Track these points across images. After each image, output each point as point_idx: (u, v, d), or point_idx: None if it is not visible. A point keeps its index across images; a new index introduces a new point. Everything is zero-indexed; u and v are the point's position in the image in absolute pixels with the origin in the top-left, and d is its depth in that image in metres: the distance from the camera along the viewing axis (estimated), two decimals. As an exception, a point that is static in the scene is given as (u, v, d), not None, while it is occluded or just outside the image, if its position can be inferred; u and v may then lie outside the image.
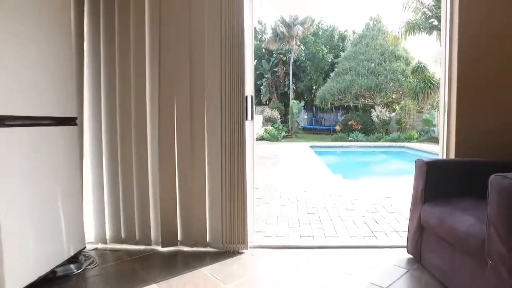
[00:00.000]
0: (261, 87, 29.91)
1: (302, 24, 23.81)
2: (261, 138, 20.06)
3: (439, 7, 17.07)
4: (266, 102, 30.22)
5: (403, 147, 15.31)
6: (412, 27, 17.29)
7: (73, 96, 2.35)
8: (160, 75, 2.65)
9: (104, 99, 2.72)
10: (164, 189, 2.72)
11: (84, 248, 2.52)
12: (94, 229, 2.84)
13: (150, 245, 2.80)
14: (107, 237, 2.84)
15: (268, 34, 28.66)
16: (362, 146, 15.60)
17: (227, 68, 2.59)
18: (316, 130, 28.75)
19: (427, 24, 17.09)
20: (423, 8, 17.05)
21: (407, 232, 2.50)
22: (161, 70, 2.65)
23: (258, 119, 22.59)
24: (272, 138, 19.77)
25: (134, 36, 2.65)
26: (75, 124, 2.39)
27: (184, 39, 2.62)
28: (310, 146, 14.85)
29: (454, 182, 2.34)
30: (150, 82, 2.69)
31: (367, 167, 10.84)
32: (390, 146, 15.78)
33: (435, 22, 17.10)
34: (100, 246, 2.84)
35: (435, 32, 17.48)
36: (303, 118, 30.90)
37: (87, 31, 2.69)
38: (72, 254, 2.24)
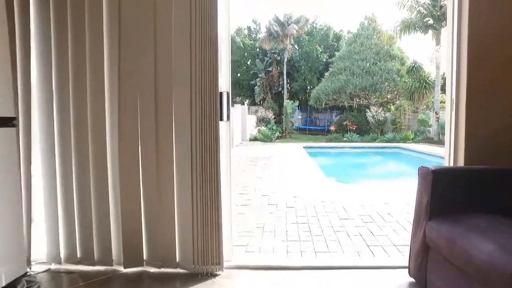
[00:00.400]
0: (255, 87, 29.55)
1: (296, 23, 23.46)
2: (254, 139, 19.69)
3: (435, 6, 17.14)
4: (260, 102, 29.87)
5: (398, 147, 15.03)
6: (408, 26, 17.04)
7: (9, 94, 1.95)
8: (120, 70, 2.26)
9: (57, 99, 2.33)
10: (127, 200, 2.33)
11: (26, 273, 2.11)
12: (46, 247, 2.44)
13: (111, 265, 2.40)
14: (62, 256, 2.44)
15: (263, 34, 28.30)
16: (356, 147, 15.30)
17: (198, 61, 2.21)
18: (310, 130, 28.45)
19: (422, 23, 16.85)
20: (418, 6, 16.82)
21: (408, 251, 2.14)
22: (121, 64, 2.26)
23: (252, 119, 22.22)
24: (266, 138, 19.42)
25: (90, 28, 2.25)
26: (13, 126, 1.99)
27: (148, 30, 2.24)
28: (304, 147, 14.51)
29: (464, 194, 1.99)
30: (108, 79, 2.30)
31: (361, 169, 10.51)
32: (384, 147, 15.49)
33: (431, 21, 16.88)
34: (53, 266, 2.44)
35: (430, 31, 17.27)
36: (298, 118, 30.60)
37: (35, 24, 2.29)
38: (4, 284, 1.84)
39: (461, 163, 2.22)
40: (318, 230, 3.42)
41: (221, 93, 2.31)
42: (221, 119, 2.31)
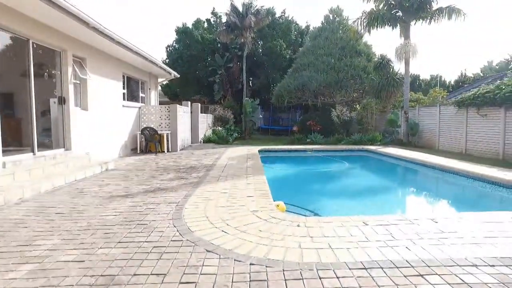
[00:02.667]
0: (214, 85, 27.21)
1: (255, 14, 21.39)
2: (208, 141, 17.43)
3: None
4: (220, 100, 27.58)
5: (365, 150, 13.42)
6: (376, 18, 15.53)
7: None
8: None
9: None
10: None
11: None
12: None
13: None
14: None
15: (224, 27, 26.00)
16: (319, 151, 13.49)
17: None
18: (273, 130, 26.66)
19: (390, 15, 15.42)
20: (387, -4, 15.38)
21: None
22: None
23: (207, 119, 19.90)
24: (221, 140, 17.21)
25: None
26: None
27: None
28: (259, 151, 12.49)
29: None
30: None
31: (323, 184, 8.52)
32: (350, 150, 13.84)
33: (400, 13, 15.50)
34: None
35: (399, 26, 15.88)
36: (259, 118, 28.69)
37: None
38: None
39: None
40: None
41: None
42: None
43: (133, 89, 12.79)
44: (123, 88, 11.63)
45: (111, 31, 8.27)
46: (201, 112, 18.80)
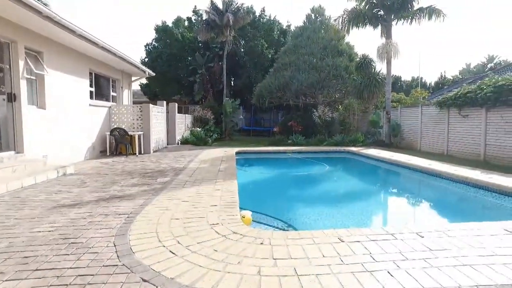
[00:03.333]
0: (195, 85, 26.43)
1: (235, 12, 20.76)
2: (186, 142, 16.71)
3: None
4: (200, 100, 26.85)
5: (347, 152, 13.04)
6: (357, 16, 15.23)
7: None
8: None
9: None
10: None
11: None
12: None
13: None
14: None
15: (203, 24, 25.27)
16: (300, 152, 13.01)
17: None
18: (255, 131, 26.14)
19: (372, 13, 15.15)
20: (369, -6, 15.10)
21: None
22: None
23: (186, 119, 19.16)
24: (199, 141, 16.51)
25: None
26: None
27: None
28: (237, 153, 11.92)
29: None
30: None
31: (300, 189, 7.89)
32: (331, 152, 13.43)
33: (381, 12, 15.26)
34: None
35: (380, 26, 15.63)
36: (240, 118, 28.11)
37: None
38: None
39: None
40: None
41: None
42: None
43: (103, 88, 11.98)
44: (91, 86, 10.84)
45: (71, 23, 7.52)
46: (180, 113, 18.13)
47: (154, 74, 14.34)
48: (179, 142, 16.63)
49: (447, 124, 12.06)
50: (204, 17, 20.83)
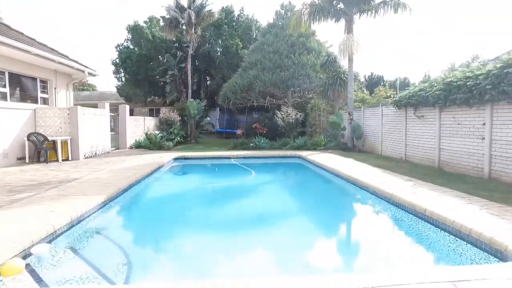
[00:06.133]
0: (166, 86, 25.45)
1: (198, 9, 19.70)
2: (139, 146, 15.67)
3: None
4: (172, 102, 25.82)
5: (298, 157, 11.96)
6: (316, 10, 14.16)
7: None
8: None
9: None
10: None
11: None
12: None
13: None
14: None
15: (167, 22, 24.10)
16: (247, 157, 11.96)
17: None
18: (227, 133, 25.07)
19: (331, 6, 14.09)
20: (328, -13, 14.03)
21: None
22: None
23: (148, 122, 18.16)
24: (153, 146, 15.48)
25: None
26: None
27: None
28: (174, 159, 10.91)
29: None
30: None
31: (205, 206, 6.52)
32: (283, 157, 12.36)
33: (341, 5, 14.18)
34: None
35: (343, 20, 14.56)
36: (216, 120, 27.11)
37: None
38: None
39: None
40: None
41: None
42: None
43: (25, 88, 10.97)
44: (4, 87, 9.85)
45: None
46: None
47: (96, 72, 13.31)
48: (133, 146, 15.62)
49: (404, 126, 10.97)
50: (166, 14, 19.78)
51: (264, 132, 17.52)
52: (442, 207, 4.65)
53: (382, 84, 29.92)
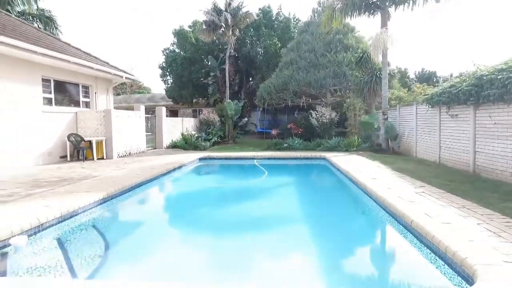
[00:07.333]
0: (208, 87, 26.28)
1: (234, 12, 19.99)
2: (174, 146, 16.42)
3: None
4: (215, 102, 26.57)
5: (323, 159, 11.55)
6: (348, 5, 13.53)
7: None
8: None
9: None
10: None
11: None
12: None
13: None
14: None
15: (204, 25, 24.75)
16: (270, 158, 11.85)
17: None
18: (267, 134, 25.05)
19: (363, 1, 13.34)
20: (360, -20, 13.31)
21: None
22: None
23: (186, 122, 18.96)
24: (189, 146, 16.10)
25: None
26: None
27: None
28: (199, 159, 11.26)
29: None
30: None
31: (206, 209, 6.50)
32: (309, 158, 12.02)
33: (375, -2, 13.37)
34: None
35: (379, 14, 13.71)
36: (258, 120, 27.28)
37: None
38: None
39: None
40: None
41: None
42: None
43: (70, 94, 12.14)
44: (49, 93, 11.01)
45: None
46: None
47: (134, 77, 14.27)
48: (169, 146, 16.42)
49: (438, 126, 10.00)
50: (204, 18, 20.42)
51: (299, 132, 17.24)
52: (433, 223, 4.16)
53: (434, 80, 27.52)
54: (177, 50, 27.40)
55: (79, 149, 11.24)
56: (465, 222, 4.10)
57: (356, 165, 9.28)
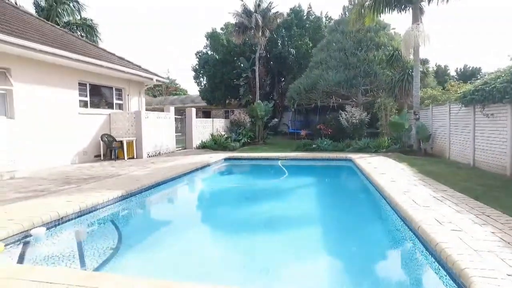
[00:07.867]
0: (240, 88, 26.60)
1: (264, 12, 20.05)
2: (203, 146, 16.81)
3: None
4: (247, 103, 26.82)
5: (350, 160, 11.26)
6: (377, 1, 13.08)
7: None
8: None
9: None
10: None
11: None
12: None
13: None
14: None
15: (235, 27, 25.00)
16: (294, 159, 11.77)
17: None
18: (297, 135, 24.85)
19: (394, -4, 12.82)
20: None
21: None
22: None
23: (217, 123, 19.36)
24: (218, 146, 16.39)
25: None
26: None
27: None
28: (225, 159, 11.47)
29: None
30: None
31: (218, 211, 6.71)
32: (335, 159, 11.77)
33: (407, -7, 12.78)
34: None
35: (411, 9, 13.11)
36: (289, 121, 27.14)
37: None
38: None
39: None
40: None
41: None
42: None
43: (104, 96, 12.90)
44: (85, 96, 11.77)
45: (29, 42, 8.31)
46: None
47: (164, 79, 14.85)
48: (199, 146, 16.83)
49: (473, 127, 9.36)
50: (234, 20, 20.71)
51: (329, 133, 16.93)
52: (440, 230, 3.94)
53: (479, 77, 25.63)
54: (209, 52, 28.03)
55: (111, 149, 11.91)
56: (478, 231, 3.82)
57: (380, 167, 8.94)
